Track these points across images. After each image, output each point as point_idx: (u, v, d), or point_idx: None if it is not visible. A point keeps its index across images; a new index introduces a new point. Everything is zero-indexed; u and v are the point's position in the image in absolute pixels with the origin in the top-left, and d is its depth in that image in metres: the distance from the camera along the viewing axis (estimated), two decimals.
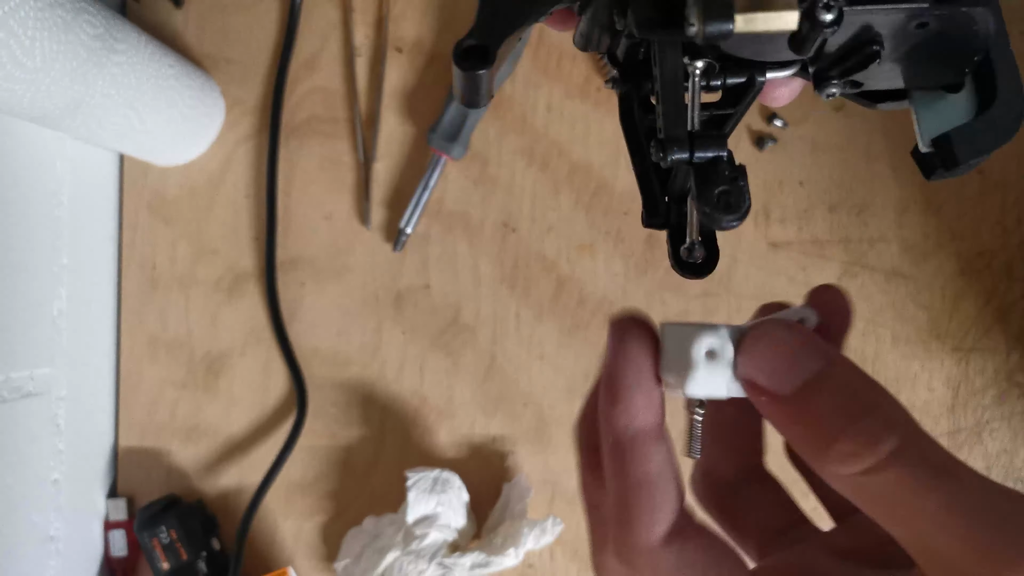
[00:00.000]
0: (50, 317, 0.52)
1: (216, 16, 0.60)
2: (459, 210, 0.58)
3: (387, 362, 0.58)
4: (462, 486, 0.55)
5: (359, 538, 0.55)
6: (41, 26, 0.38)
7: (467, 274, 0.58)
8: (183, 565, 0.54)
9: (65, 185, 0.53)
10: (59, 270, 0.53)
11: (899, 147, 0.56)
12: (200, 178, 0.60)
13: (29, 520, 0.50)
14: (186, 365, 0.59)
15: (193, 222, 0.59)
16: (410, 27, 0.59)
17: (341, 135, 0.59)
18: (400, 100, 0.59)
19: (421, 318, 0.58)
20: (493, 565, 0.52)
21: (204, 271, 0.59)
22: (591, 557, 0.20)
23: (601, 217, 0.58)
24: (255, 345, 0.58)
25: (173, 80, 0.52)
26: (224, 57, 0.60)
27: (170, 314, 0.59)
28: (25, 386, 0.50)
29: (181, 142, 0.57)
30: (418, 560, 0.51)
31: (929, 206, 0.56)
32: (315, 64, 0.59)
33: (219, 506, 0.58)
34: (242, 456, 0.58)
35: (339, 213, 0.59)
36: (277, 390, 0.58)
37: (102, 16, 0.44)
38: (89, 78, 0.43)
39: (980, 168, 0.56)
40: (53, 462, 0.52)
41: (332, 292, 0.58)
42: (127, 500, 0.58)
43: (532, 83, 0.58)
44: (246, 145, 0.59)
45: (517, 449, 0.57)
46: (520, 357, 0.58)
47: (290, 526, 0.58)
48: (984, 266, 0.56)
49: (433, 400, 0.58)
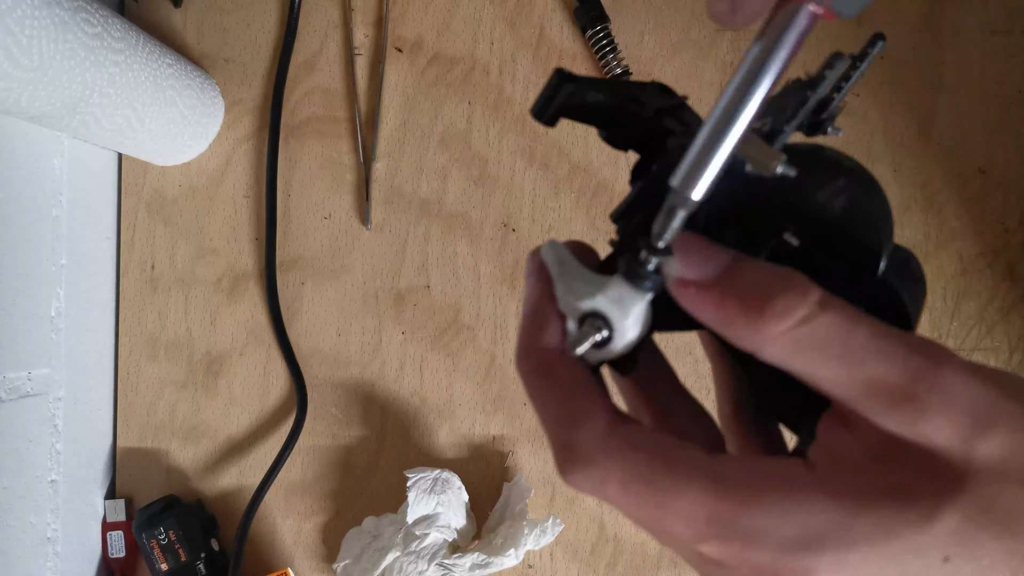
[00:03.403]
0: (48, 317, 0.52)
1: (215, 15, 0.60)
2: (459, 210, 0.58)
3: (387, 362, 0.58)
4: (462, 486, 0.55)
5: (359, 538, 0.55)
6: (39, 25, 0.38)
7: (467, 274, 0.58)
8: (182, 566, 0.54)
9: (64, 185, 0.53)
10: (57, 270, 0.53)
11: (899, 147, 0.56)
12: (200, 178, 0.59)
13: (27, 521, 0.50)
14: (186, 365, 0.58)
15: (193, 222, 0.59)
16: (410, 27, 0.59)
17: (341, 135, 0.59)
18: (400, 100, 0.59)
19: (421, 318, 0.58)
20: (493, 565, 0.52)
21: (204, 271, 0.59)
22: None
23: (601, 217, 0.58)
24: (255, 345, 0.58)
25: (172, 79, 0.52)
26: (223, 57, 0.60)
27: (169, 314, 0.59)
28: (23, 386, 0.50)
29: (180, 142, 0.57)
30: (418, 560, 0.51)
31: (930, 206, 0.56)
32: (315, 64, 0.59)
33: (219, 506, 0.58)
34: (242, 456, 0.58)
35: (339, 213, 0.59)
36: (277, 390, 0.58)
37: (100, 15, 0.44)
38: (87, 77, 0.43)
39: (982, 168, 0.56)
40: (51, 463, 0.52)
41: (332, 292, 0.58)
42: (126, 501, 0.57)
43: (532, 83, 0.58)
44: (246, 145, 0.59)
45: (517, 449, 0.57)
46: None
47: (290, 526, 0.58)
48: (986, 266, 0.56)
49: (433, 400, 0.58)
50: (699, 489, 0.19)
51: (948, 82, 0.56)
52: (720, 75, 0.57)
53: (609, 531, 0.56)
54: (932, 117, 0.56)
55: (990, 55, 0.56)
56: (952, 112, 0.56)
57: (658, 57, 0.58)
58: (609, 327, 0.21)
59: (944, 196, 0.56)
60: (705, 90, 0.57)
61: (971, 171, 0.56)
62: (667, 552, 0.56)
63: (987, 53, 0.56)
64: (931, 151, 0.56)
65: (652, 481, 0.19)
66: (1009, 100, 0.56)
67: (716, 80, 0.57)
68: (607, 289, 0.21)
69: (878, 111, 0.56)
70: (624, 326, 0.21)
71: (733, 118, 0.19)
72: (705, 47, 0.58)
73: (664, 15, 0.58)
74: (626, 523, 0.56)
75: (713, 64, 0.58)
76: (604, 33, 0.56)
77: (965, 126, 0.56)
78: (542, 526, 0.53)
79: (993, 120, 0.56)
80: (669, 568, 0.56)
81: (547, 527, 0.53)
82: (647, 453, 0.19)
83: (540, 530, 0.52)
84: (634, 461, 0.19)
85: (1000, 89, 0.56)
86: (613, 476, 0.19)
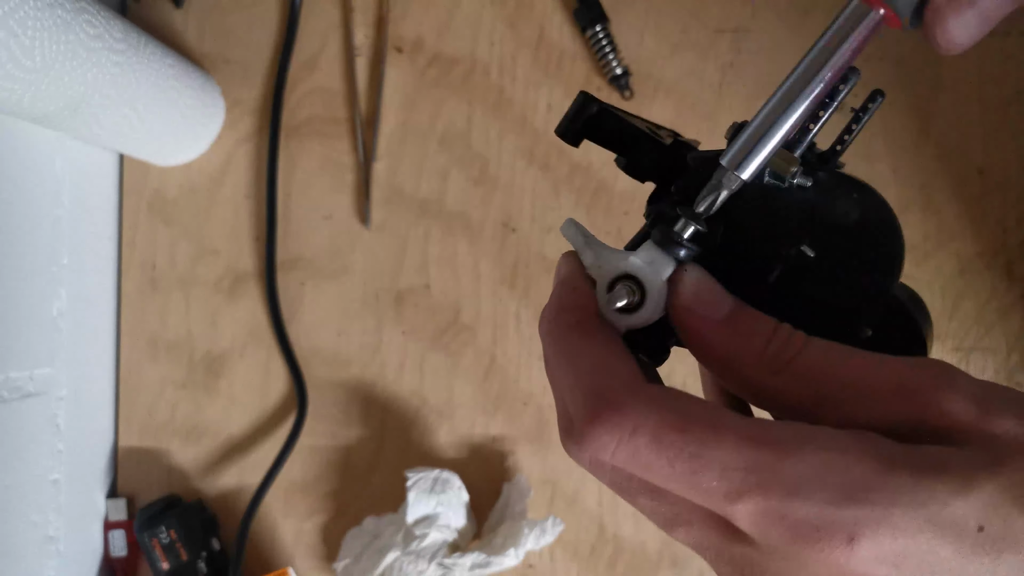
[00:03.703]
0: (50, 317, 0.52)
1: (216, 16, 0.60)
2: (459, 210, 0.58)
3: (387, 362, 0.58)
4: (462, 486, 0.55)
5: (359, 538, 0.55)
6: (41, 26, 0.38)
7: (467, 274, 0.58)
8: (183, 565, 0.54)
9: (65, 185, 0.53)
10: (59, 270, 0.53)
11: (899, 148, 0.56)
12: (200, 178, 0.60)
13: (29, 520, 0.50)
14: (186, 365, 0.59)
15: (193, 222, 0.59)
16: (410, 27, 0.59)
17: (341, 135, 0.59)
18: (400, 100, 0.59)
19: (421, 318, 0.58)
20: (493, 565, 0.52)
21: (204, 271, 0.59)
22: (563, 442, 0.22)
23: (601, 217, 0.58)
24: (255, 345, 0.58)
25: (173, 80, 0.52)
26: (224, 57, 0.60)
27: (170, 314, 0.59)
28: (25, 386, 0.50)
29: (181, 142, 0.57)
30: (418, 560, 0.51)
31: (929, 206, 0.56)
32: (315, 64, 0.59)
33: (219, 506, 0.58)
34: (242, 456, 0.58)
35: (339, 213, 0.59)
36: (277, 390, 0.58)
37: (102, 16, 0.44)
38: (89, 78, 0.43)
39: (980, 168, 0.56)
40: (53, 462, 0.52)
41: (332, 292, 0.58)
42: (127, 500, 0.58)
43: (532, 83, 0.58)
44: (246, 145, 0.59)
45: (517, 449, 0.57)
46: (520, 357, 0.57)
47: (290, 526, 0.58)
48: (984, 266, 0.56)
49: (433, 400, 0.58)
50: (739, 437, 0.18)
51: (947, 83, 0.56)
52: (720, 75, 0.58)
53: (609, 531, 0.56)
54: (931, 118, 0.56)
55: (988, 56, 0.56)
56: (951, 113, 0.56)
57: (658, 57, 0.58)
58: (641, 289, 0.22)
59: (943, 196, 0.56)
60: (705, 90, 0.58)
61: (970, 171, 0.56)
62: (667, 552, 0.56)
63: (985, 54, 0.56)
64: (930, 152, 0.56)
65: (687, 430, 0.18)
66: (1007, 101, 0.56)
67: (716, 80, 0.58)
68: (640, 252, 0.22)
69: (877, 112, 0.56)
70: (656, 290, 0.22)
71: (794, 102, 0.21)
72: (705, 47, 0.58)
73: (664, 15, 0.58)
74: (626, 523, 0.56)
75: (713, 64, 0.58)
76: (604, 33, 0.56)
77: (964, 127, 0.56)
78: (542, 526, 0.53)
79: (992, 121, 0.56)
80: (669, 568, 0.56)
81: (547, 527, 0.53)
82: (683, 402, 0.19)
83: (540, 530, 0.53)
84: (670, 408, 0.19)
85: (998, 90, 0.56)
86: (647, 424, 0.19)
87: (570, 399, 0.20)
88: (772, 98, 0.21)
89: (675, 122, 0.57)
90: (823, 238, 0.22)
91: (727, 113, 0.57)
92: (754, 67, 0.57)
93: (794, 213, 0.22)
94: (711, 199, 0.22)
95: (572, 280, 0.23)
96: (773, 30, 0.57)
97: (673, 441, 0.18)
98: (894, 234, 0.22)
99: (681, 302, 0.21)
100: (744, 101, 0.57)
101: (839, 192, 0.23)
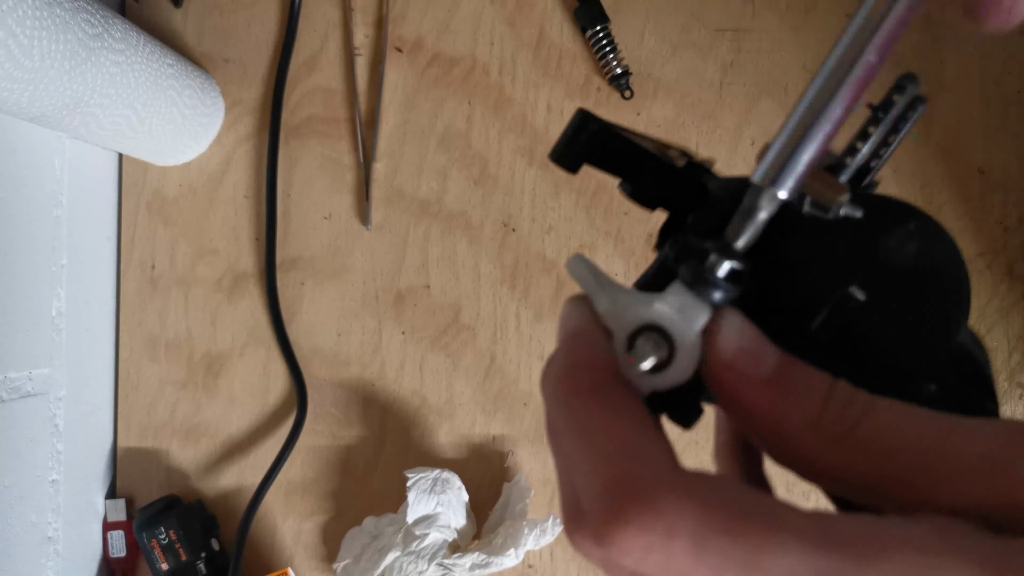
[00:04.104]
0: (49, 317, 0.52)
1: (215, 16, 0.60)
2: (459, 210, 0.58)
3: (387, 362, 0.58)
4: (462, 486, 0.55)
5: (359, 538, 0.55)
6: (39, 25, 0.38)
7: (467, 274, 0.58)
8: (182, 566, 0.54)
9: (64, 185, 0.53)
10: (58, 270, 0.53)
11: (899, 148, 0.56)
12: (200, 178, 0.59)
13: (28, 521, 0.50)
14: (186, 365, 0.59)
15: (193, 222, 0.59)
16: (410, 27, 0.59)
17: (341, 135, 0.59)
18: (400, 100, 0.59)
19: (421, 318, 0.58)
20: (493, 565, 0.52)
21: (204, 271, 0.59)
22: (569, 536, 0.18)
23: (601, 217, 0.58)
24: (255, 345, 0.58)
25: (172, 80, 0.52)
26: (223, 57, 0.60)
27: (170, 314, 0.59)
28: (24, 386, 0.50)
29: (180, 142, 0.57)
30: (418, 560, 0.51)
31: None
32: (315, 64, 0.59)
33: (219, 506, 0.58)
34: (242, 456, 0.58)
35: (339, 213, 0.59)
36: (277, 390, 0.58)
37: (101, 15, 0.44)
38: (88, 77, 0.43)
39: (981, 168, 0.56)
40: (52, 462, 0.52)
41: (332, 292, 0.58)
42: (126, 500, 0.57)
43: (532, 83, 0.58)
44: (246, 145, 0.59)
45: (517, 449, 0.57)
46: (520, 357, 0.57)
47: (290, 526, 0.58)
48: (985, 266, 0.56)
49: (433, 400, 0.58)
50: (804, 541, 0.14)
51: (947, 83, 0.56)
52: (720, 75, 0.57)
53: None
54: (931, 117, 0.56)
55: (989, 56, 0.56)
56: (951, 113, 0.56)
57: (658, 57, 0.58)
58: (670, 343, 0.18)
59: (943, 196, 0.56)
60: (705, 90, 0.58)
61: (970, 171, 0.56)
62: None
63: (986, 54, 0.56)
64: (930, 151, 0.56)
65: (739, 532, 0.15)
66: (1008, 101, 0.56)
67: (716, 80, 0.57)
68: (667, 296, 0.18)
69: None
70: (688, 344, 0.18)
71: (835, 95, 0.17)
72: (705, 47, 0.58)
73: (664, 15, 0.58)
74: None
75: (713, 64, 0.58)
76: (604, 33, 0.56)
77: (964, 127, 0.56)
78: (542, 526, 0.53)
79: (992, 120, 0.56)
80: None
81: (547, 527, 0.53)
82: (732, 494, 0.15)
83: (540, 530, 0.52)
84: (716, 504, 0.15)
85: (999, 90, 0.56)
86: (687, 524, 0.15)
87: (585, 483, 0.17)
88: (806, 93, 0.17)
89: (675, 122, 0.57)
90: (875, 277, 0.19)
91: (727, 113, 0.57)
92: (754, 67, 0.57)
93: (839, 248, 0.19)
94: (749, 228, 0.18)
95: (586, 333, 0.19)
96: (773, 30, 0.57)
97: (720, 547, 0.15)
98: (959, 270, 0.19)
99: (720, 358, 0.18)
100: (744, 101, 0.57)
101: (889, 221, 0.19)
